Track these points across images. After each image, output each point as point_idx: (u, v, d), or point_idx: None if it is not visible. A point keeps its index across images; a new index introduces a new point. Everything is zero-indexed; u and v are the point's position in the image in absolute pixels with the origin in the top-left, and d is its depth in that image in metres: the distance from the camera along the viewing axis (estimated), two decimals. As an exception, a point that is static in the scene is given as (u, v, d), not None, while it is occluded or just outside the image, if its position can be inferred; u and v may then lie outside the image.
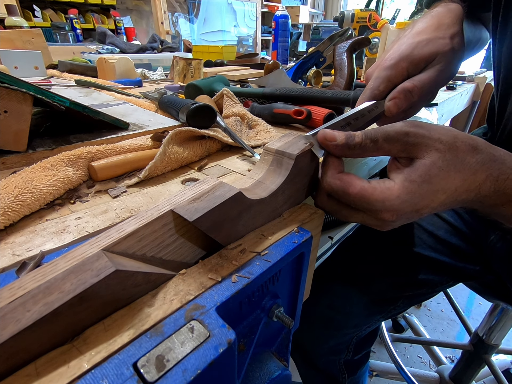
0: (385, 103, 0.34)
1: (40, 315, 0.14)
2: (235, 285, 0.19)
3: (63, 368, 0.14)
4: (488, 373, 0.94)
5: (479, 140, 0.25)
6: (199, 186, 0.22)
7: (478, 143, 0.24)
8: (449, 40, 0.35)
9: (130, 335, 0.16)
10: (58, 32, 2.64)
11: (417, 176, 0.23)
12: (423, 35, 0.35)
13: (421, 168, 0.23)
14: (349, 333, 0.61)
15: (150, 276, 0.18)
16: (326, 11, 5.15)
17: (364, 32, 1.15)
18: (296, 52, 2.02)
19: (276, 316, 0.25)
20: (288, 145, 0.27)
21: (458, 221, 0.56)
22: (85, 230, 0.25)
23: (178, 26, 3.22)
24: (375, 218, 0.26)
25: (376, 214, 0.25)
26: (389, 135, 0.25)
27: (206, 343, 0.16)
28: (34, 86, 0.34)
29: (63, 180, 0.29)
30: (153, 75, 1.01)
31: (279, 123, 0.54)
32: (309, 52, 0.88)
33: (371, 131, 0.25)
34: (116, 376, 0.14)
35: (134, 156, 0.35)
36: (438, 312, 1.31)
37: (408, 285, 0.56)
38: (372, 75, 0.36)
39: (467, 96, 1.11)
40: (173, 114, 0.49)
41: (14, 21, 1.25)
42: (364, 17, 1.14)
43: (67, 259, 0.16)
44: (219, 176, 0.35)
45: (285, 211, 0.28)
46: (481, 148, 0.24)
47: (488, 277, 0.54)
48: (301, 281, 0.29)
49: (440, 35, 0.35)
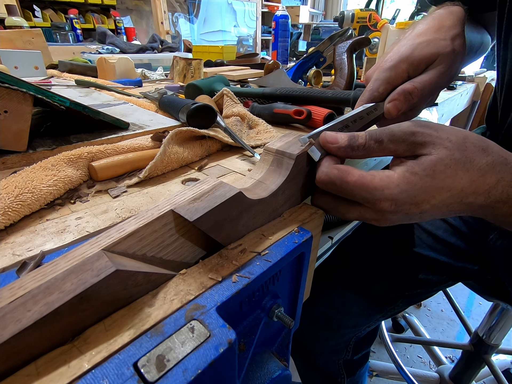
0: (384, 105, 0.33)
1: (41, 315, 0.14)
2: (236, 285, 0.19)
3: (63, 368, 0.14)
4: (488, 373, 0.94)
5: (490, 142, 0.24)
6: (199, 186, 0.22)
7: (489, 145, 0.23)
8: (450, 41, 0.34)
9: (130, 335, 0.16)
10: (58, 32, 2.64)
11: (420, 170, 0.22)
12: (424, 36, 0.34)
13: (426, 162, 0.23)
14: (348, 332, 0.61)
15: (151, 276, 0.18)
16: (326, 11, 5.15)
17: (364, 32, 1.15)
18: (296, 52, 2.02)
19: (276, 316, 0.25)
20: (288, 145, 0.27)
21: (457, 220, 0.56)
22: (85, 230, 0.25)
23: (178, 26, 3.22)
24: (373, 210, 0.25)
25: (374, 204, 0.24)
26: (395, 135, 0.24)
27: (207, 343, 0.16)
28: (34, 86, 0.34)
29: (63, 180, 0.29)
30: (153, 75, 1.01)
31: (279, 123, 0.54)
32: (309, 52, 0.88)
33: (375, 131, 0.25)
34: (117, 376, 0.14)
35: (134, 156, 0.35)
36: (438, 312, 1.31)
37: (407, 284, 0.56)
38: (371, 76, 0.36)
39: (467, 96, 1.11)
40: (173, 114, 0.49)
41: (14, 21, 1.25)
42: (364, 17, 1.14)
43: (67, 259, 0.16)
44: (219, 176, 0.35)
45: (285, 211, 0.28)
46: (492, 150, 0.23)
47: (487, 276, 0.54)
48: (301, 281, 0.29)
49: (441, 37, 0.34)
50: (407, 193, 0.22)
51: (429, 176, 0.22)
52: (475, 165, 0.23)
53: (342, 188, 0.24)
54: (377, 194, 0.23)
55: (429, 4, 0.49)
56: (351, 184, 0.23)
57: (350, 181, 0.23)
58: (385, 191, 0.23)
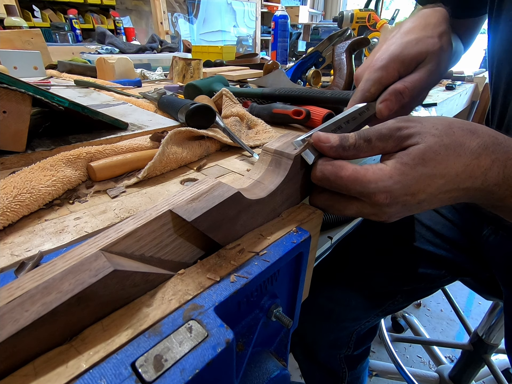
0: (376, 105, 0.33)
1: (38, 315, 0.14)
2: (234, 285, 0.19)
3: (61, 368, 0.14)
4: (487, 373, 0.94)
5: (477, 125, 0.24)
6: (198, 186, 0.22)
7: (477, 127, 0.23)
8: (438, 39, 0.34)
9: (128, 335, 0.16)
10: (57, 32, 2.64)
11: (410, 159, 0.22)
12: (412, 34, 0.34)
13: (414, 151, 0.23)
14: (348, 326, 0.62)
15: (149, 276, 0.18)
16: (325, 11, 5.15)
17: (364, 32, 1.15)
18: (296, 52, 2.02)
19: (275, 316, 0.26)
20: (286, 145, 0.27)
21: (455, 215, 0.57)
22: (83, 230, 0.25)
23: (177, 26, 3.22)
24: (370, 205, 0.24)
25: (370, 198, 0.24)
26: (382, 133, 0.24)
27: (204, 343, 0.16)
28: (33, 87, 0.34)
29: (62, 180, 0.29)
30: (152, 75, 1.01)
31: (278, 123, 0.54)
32: (308, 52, 0.88)
33: (364, 131, 0.25)
34: (114, 376, 0.14)
35: (133, 156, 0.35)
36: (437, 312, 1.31)
37: (407, 279, 0.56)
38: (361, 76, 0.35)
39: (466, 96, 1.11)
40: (172, 114, 0.49)
41: (13, 21, 1.25)
42: (363, 17, 1.14)
43: (65, 259, 0.16)
44: (218, 176, 0.35)
45: (283, 211, 0.28)
46: (481, 131, 0.23)
47: (484, 274, 0.55)
48: (300, 281, 0.29)
49: (429, 34, 0.34)
50: (401, 183, 0.22)
51: (419, 165, 0.22)
52: (466, 148, 0.22)
53: (337, 184, 0.24)
54: (372, 187, 0.23)
55: None
56: (345, 179, 0.23)
57: (344, 176, 0.23)
58: (379, 184, 0.22)
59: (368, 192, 0.23)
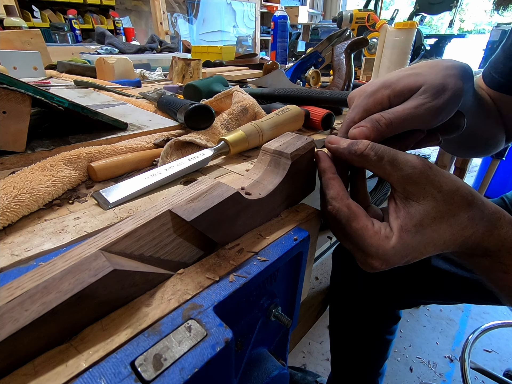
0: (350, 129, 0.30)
1: (38, 315, 0.14)
2: (233, 284, 0.19)
3: (61, 367, 0.14)
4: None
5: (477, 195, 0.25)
6: (197, 186, 0.22)
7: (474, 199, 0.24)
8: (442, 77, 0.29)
9: (127, 334, 0.16)
10: (57, 33, 2.64)
11: (412, 226, 0.23)
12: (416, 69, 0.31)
13: (417, 216, 0.24)
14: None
15: (148, 276, 0.18)
16: (325, 12, 5.16)
17: (363, 32, 1.15)
18: (295, 52, 2.02)
19: (274, 315, 0.26)
20: (286, 145, 0.27)
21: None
22: (83, 230, 0.25)
23: (177, 27, 3.22)
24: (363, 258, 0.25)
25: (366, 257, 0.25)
26: (396, 159, 0.24)
27: (204, 342, 0.16)
28: (33, 87, 0.34)
29: (61, 180, 0.29)
30: (152, 76, 1.01)
31: (278, 124, 0.54)
32: (308, 53, 0.88)
33: (380, 146, 0.25)
34: (114, 375, 0.14)
35: (133, 157, 0.35)
36: (437, 311, 1.31)
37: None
38: (352, 100, 0.33)
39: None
40: (171, 114, 0.49)
41: (13, 21, 1.25)
42: (362, 17, 1.14)
43: (65, 259, 0.16)
44: (217, 176, 0.35)
45: (282, 211, 0.28)
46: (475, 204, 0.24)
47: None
48: (299, 281, 0.29)
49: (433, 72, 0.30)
50: (400, 254, 0.24)
51: (419, 233, 0.23)
52: (457, 219, 0.24)
53: (345, 228, 0.25)
54: (372, 251, 0.24)
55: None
56: (353, 229, 0.24)
57: (354, 227, 0.24)
58: (379, 250, 0.23)
59: (367, 252, 0.24)
